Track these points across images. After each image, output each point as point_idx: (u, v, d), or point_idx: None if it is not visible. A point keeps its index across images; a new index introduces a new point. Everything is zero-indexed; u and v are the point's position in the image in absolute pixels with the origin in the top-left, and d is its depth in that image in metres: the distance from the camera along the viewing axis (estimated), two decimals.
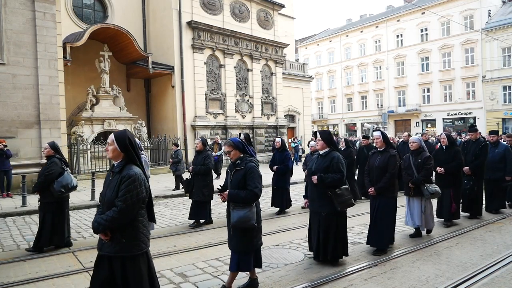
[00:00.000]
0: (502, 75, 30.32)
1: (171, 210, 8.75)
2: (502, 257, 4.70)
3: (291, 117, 26.53)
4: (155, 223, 3.44)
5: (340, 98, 43.40)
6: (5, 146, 10.17)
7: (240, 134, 7.26)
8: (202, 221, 6.92)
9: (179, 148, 12.14)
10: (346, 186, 4.43)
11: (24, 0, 10.88)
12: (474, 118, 31.93)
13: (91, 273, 4.31)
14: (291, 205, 8.08)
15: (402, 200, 5.95)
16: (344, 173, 4.43)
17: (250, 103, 21.32)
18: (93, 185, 9.61)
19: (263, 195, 5.43)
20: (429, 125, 34.95)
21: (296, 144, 21.68)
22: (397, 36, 37.59)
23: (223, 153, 12.95)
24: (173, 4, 17.92)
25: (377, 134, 5.21)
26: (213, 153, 15.20)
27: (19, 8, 10.82)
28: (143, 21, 19.78)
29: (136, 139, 5.65)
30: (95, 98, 15.80)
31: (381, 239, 4.95)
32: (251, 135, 20.66)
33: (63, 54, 13.20)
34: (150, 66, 17.26)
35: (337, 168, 4.39)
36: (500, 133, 21.70)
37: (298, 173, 11.57)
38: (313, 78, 31.93)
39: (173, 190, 11.38)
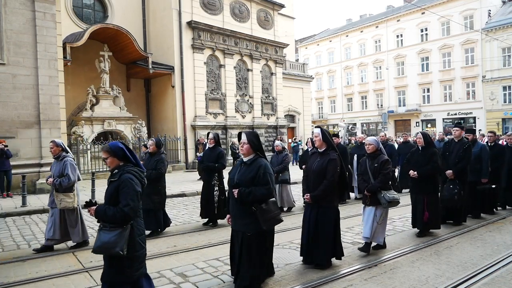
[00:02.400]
0: (502, 75, 30.33)
1: (171, 210, 8.74)
2: (502, 257, 4.69)
3: (291, 117, 26.54)
4: None
5: (340, 98, 43.41)
6: (6, 146, 10.17)
7: (208, 133, 7.12)
8: (147, 232, 5.98)
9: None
10: (274, 199, 3.71)
11: (24, 0, 10.88)
12: (474, 118, 31.95)
13: (91, 273, 4.34)
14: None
15: (406, 199, 5.94)
16: (272, 185, 3.68)
17: (250, 103, 21.32)
18: (93, 185, 9.61)
19: None
20: (429, 125, 34.96)
21: (295, 144, 21.69)
22: (397, 36, 37.60)
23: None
24: (173, 4, 17.92)
25: (316, 131, 4.49)
26: (198, 154, 14.93)
27: (19, 8, 10.82)
28: (143, 21, 19.78)
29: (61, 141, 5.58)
30: (95, 98, 15.80)
31: (321, 253, 4.29)
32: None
33: (63, 54, 13.21)
34: (150, 66, 17.26)
35: (264, 180, 3.61)
36: (499, 133, 21.73)
37: (298, 172, 11.56)
38: (313, 78, 31.94)
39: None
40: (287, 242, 5.57)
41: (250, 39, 20.96)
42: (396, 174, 10.43)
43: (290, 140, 23.65)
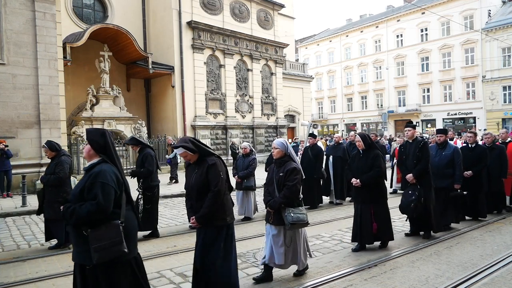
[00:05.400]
0: (502, 75, 30.34)
1: (171, 210, 8.75)
2: (502, 257, 4.69)
3: (291, 117, 26.55)
4: None
5: (340, 98, 43.41)
6: (6, 146, 10.18)
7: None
8: (54, 242, 5.55)
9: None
10: (116, 222, 2.58)
11: (24, 0, 10.88)
12: (474, 118, 31.97)
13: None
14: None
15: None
16: (105, 198, 2.55)
17: (250, 103, 21.33)
18: None
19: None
20: (429, 125, 34.96)
21: (295, 144, 21.66)
22: (397, 36, 37.60)
23: (177, 156, 10.48)
24: (173, 4, 17.92)
25: (181, 150, 3.41)
26: (167, 156, 14.15)
27: (19, 8, 10.82)
28: (143, 21, 19.78)
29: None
30: (95, 98, 15.80)
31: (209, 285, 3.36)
32: (251, 136, 20.70)
33: (63, 54, 13.21)
34: (150, 66, 17.27)
35: (93, 193, 2.57)
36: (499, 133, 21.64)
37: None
38: (313, 78, 31.96)
39: None
40: None
41: (250, 39, 20.96)
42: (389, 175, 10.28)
43: (290, 140, 23.64)
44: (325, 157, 8.90)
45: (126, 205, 2.74)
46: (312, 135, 8.83)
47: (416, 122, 35.64)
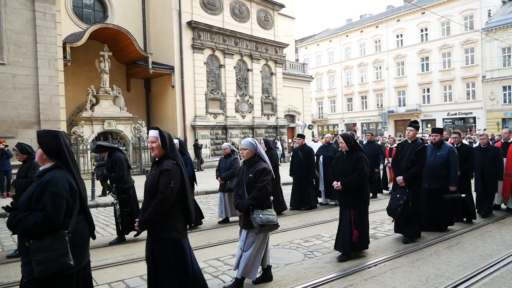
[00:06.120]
0: (502, 75, 30.34)
1: None
2: (502, 257, 4.69)
3: (291, 117, 26.54)
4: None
5: (340, 98, 43.41)
6: (6, 146, 10.18)
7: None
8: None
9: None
10: (62, 232, 2.39)
11: (24, 0, 10.89)
12: (474, 118, 31.98)
13: (91, 273, 4.33)
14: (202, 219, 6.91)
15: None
16: (55, 208, 2.35)
17: (250, 103, 21.33)
18: (93, 185, 9.61)
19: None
20: (429, 125, 34.95)
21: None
22: (397, 36, 37.60)
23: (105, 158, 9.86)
24: (173, 4, 17.93)
25: (153, 134, 3.23)
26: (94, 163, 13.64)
27: (19, 8, 10.83)
28: (143, 21, 19.79)
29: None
30: (95, 98, 15.81)
31: None
32: (251, 135, 20.69)
33: (63, 54, 13.22)
34: (150, 66, 17.27)
35: (41, 204, 2.35)
36: (499, 133, 21.68)
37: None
38: (313, 78, 31.95)
39: (99, 196, 10.01)
40: (287, 242, 5.57)
41: (250, 39, 20.97)
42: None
43: (290, 140, 23.65)
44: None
45: (79, 214, 2.54)
46: (300, 135, 8.69)
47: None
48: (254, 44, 21.26)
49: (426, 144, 5.58)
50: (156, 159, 3.24)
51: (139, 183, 6.93)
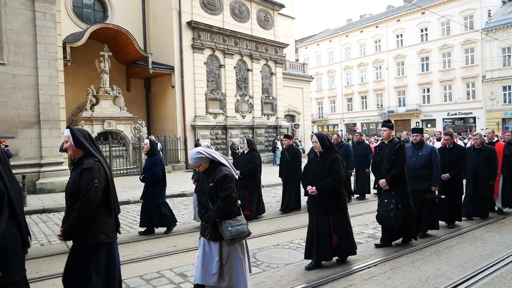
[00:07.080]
0: (502, 75, 30.35)
1: None
2: (502, 257, 4.69)
3: (291, 117, 26.54)
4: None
5: (340, 98, 43.43)
6: (6, 146, 10.16)
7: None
8: None
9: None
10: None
11: (24, 0, 10.88)
12: (474, 118, 31.99)
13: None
14: (176, 223, 6.57)
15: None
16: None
17: (250, 103, 21.33)
18: None
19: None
20: (429, 125, 34.98)
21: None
22: (397, 36, 37.61)
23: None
24: (173, 4, 17.92)
25: (65, 133, 3.01)
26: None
27: (19, 8, 10.82)
28: (143, 21, 19.78)
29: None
30: (95, 98, 15.80)
31: None
32: (251, 135, 20.69)
33: (63, 54, 13.21)
34: (150, 66, 17.26)
35: None
36: (498, 133, 21.67)
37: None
38: (313, 78, 31.96)
39: None
40: (287, 242, 5.57)
41: (250, 39, 20.97)
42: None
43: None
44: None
45: (8, 221, 2.33)
46: (287, 136, 8.52)
47: (416, 122, 35.67)
48: (254, 44, 21.26)
49: (403, 143, 5.42)
50: (75, 160, 2.94)
51: (139, 183, 6.95)
